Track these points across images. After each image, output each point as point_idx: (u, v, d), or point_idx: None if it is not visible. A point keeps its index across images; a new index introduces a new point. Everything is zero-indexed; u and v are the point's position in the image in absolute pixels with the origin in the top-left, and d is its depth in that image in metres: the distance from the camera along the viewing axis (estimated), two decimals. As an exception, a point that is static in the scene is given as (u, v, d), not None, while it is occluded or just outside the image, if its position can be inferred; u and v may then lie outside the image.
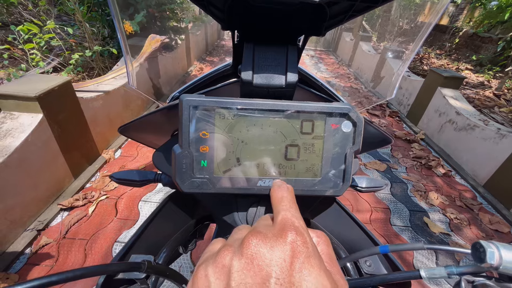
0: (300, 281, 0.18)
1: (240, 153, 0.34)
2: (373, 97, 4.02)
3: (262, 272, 0.19)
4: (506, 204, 2.38)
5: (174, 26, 3.99)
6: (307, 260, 0.19)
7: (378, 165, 2.84)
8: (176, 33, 4.12)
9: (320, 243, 0.24)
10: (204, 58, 6.10)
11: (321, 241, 0.24)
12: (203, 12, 0.30)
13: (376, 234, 2.01)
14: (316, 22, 0.35)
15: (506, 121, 3.37)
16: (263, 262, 0.19)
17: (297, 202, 0.39)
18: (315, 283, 0.18)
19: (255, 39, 0.36)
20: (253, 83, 0.36)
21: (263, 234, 0.21)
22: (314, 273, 0.18)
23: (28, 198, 1.71)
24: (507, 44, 5.21)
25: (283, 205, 0.26)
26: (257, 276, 0.18)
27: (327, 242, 0.25)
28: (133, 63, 0.44)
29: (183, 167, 0.33)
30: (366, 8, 0.30)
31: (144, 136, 0.53)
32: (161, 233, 0.53)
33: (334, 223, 0.53)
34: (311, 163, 0.35)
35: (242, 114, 0.33)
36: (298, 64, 0.39)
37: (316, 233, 0.25)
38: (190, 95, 0.32)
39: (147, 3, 3.30)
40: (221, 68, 0.47)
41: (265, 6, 0.32)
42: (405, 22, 7.17)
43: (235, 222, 0.39)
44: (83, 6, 3.00)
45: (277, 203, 0.27)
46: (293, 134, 0.34)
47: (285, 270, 0.19)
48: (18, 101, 1.73)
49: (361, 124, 0.34)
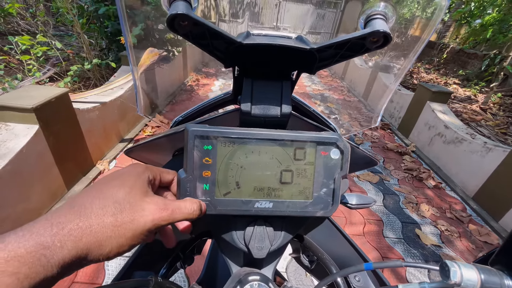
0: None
1: (239, 178, 0.37)
2: (359, 122, 4.19)
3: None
4: (495, 216, 2.45)
5: (172, 38, 4.08)
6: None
7: (370, 177, 2.89)
8: (174, 45, 4.20)
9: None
10: (200, 69, 6.19)
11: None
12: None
13: (370, 247, 2.04)
14: (308, 63, 0.40)
15: (492, 135, 3.50)
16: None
17: (291, 220, 0.43)
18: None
19: (253, 75, 0.40)
20: (251, 113, 0.40)
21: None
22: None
23: (20, 210, 1.69)
24: (491, 61, 5.45)
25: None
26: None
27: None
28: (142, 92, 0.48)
29: (187, 190, 0.36)
30: (350, 55, 0.34)
31: (147, 156, 0.56)
32: (160, 249, 0.55)
33: (326, 239, 0.56)
34: (304, 187, 0.38)
35: (242, 143, 0.36)
36: (291, 96, 0.43)
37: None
38: (195, 125, 0.35)
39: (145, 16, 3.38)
40: (221, 96, 0.51)
41: (263, 49, 0.37)
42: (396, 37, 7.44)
43: (233, 240, 0.41)
44: (82, 19, 3.05)
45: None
46: (287, 160, 0.38)
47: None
48: (14, 112, 1.73)
49: (348, 152, 0.38)
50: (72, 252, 0.24)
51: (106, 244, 0.26)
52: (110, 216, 0.27)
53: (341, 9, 7.17)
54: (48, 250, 0.22)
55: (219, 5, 6.91)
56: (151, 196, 0.31)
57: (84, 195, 0.28)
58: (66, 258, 0.23)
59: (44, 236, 0.23)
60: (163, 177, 0.36)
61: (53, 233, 0.23)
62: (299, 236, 0.57)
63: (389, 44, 0.33)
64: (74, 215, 0.26)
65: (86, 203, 0.27)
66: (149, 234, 0.30)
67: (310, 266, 0.55)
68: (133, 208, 0.28)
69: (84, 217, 0.26)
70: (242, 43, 0.34)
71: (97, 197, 0.28)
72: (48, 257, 0.22)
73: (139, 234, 0.28)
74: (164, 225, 0.31)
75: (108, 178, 0.31)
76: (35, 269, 0.21)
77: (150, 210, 0.29)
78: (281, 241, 0.42)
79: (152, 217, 0.29)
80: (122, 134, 2.96)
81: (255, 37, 0.35)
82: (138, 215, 0.28)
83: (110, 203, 0.28)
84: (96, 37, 3.48)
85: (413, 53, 0.46)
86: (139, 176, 0.32)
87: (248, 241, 0.39)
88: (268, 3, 6.93)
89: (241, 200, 0.37)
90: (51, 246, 0.23)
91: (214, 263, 0.76)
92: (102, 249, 0.26)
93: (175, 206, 0.32)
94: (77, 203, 0.27)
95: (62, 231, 0.24)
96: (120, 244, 0.27)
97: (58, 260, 0.23)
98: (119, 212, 0.28)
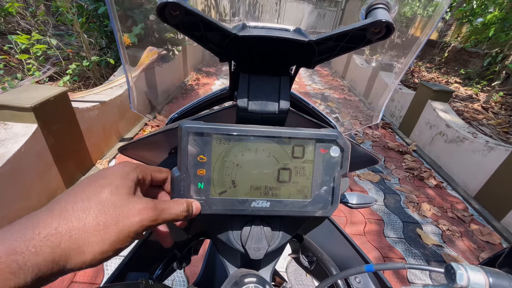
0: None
1: (235, 176, 0.36)
2: (359, 121, 4.19)
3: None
4: (496, 216, 2.43)
5: (172, 38, 4.06)
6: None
7: (371, 176, 2.88)
8: (173, 44, 4.19)
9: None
10: (201, 69, 6.17)
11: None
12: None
13: (371, 246, 2.02)
14: (306, 56, 0.38)
15: (494, 134, 3.47)
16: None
17: (290, 220, 0.41)
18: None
19: (250, 70, 0.39)
20: (248, 109, 0.38)
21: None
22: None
23: (18, 210, 1.68)
24: (493, 59, 5.42)
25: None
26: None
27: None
28: (135, 87, 0.47)
29: (181, 189, 0.35)
30: (350, 48, 0.33)
31: (142, 154, 0.55)
32: (156, 249, 0.54)
33: (326, 239, 0.55)
34: (302, 186, 0.37)
35: (238, 140, 0.35)
36: (290, 92, 0.42)
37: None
38: (189, 122, 0.34)
39: (145, 15, 3.37)
40: (218, 92, 0.50)
41: (259, 41, 0.35)
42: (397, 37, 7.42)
43: (229, 240, 0.40)
44: (81, 18, 3.04)
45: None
46: (285, 158, 0.36)
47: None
48: (13, 111, 1.72)
49: (348, 150, 0.37)
50: (48, 258, 0.22)
51: (88, 250, 0.25)
52: (92, 219, 0.25)
53: (341, 8, 7.15)
54: (20, 256, 0.21)
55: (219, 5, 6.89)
56: (138, 196, 0.30)
57: (66, 196, 0.27)
58: (41, 265, 0.22)
59: (17, 241, 0.21)
60: (155, 176, 0.35)
61: (28, 238, 0.22)
62: (298, 236, 0.55)
63: (391, 35, 0.31)
64: (53, 218, 0.24)
65: (68, 205, 0.26)
66: (136, 236, 0.28)
67: (310, 267, 0.54)
68: (117, 209, 0.27)
69: (64, 220, 0.24)
70: (237, 35, 0.33)
71: (79, 198, 0.26)
72: (20, 264, 0.21)
73: (125, 237, 0.27)
74: (152, 226, 0.29)
75: (93, 178, 0.29)
76: (4, 276, 0.20)
77: (136, 210, 0.28)
78: (279, 241, 0.41)
79: (139, 218, 0.28)
80: (122, 134, 2.96)
81: (251, 29, 0.34)
82: (122, 216, 0.27)
83: (93, 204, 0.26)
84: (95, 36, 3.47)
85: (413, 52, 0.45)
86: (126, 175, 0.30)
87: (245, 241, 0.38)
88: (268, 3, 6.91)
89: (237, 200, 0.36)
90: (24, 252, 0.21)
91: (212, 264, 0.75)
92: (83, 255, 0.24)
93: (164, 206, 0.30)
94: (58, 205, 0.26)
95: (38, 236, 0.22)
96: (103, 250, 0.26)
97: (31, 267, 0.21)
98: (102, 213, 0.26)
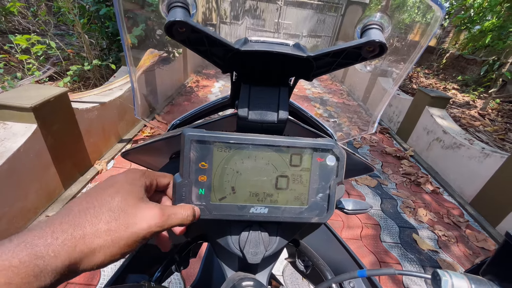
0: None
1: (235, 183, 0.37)
2: (358, 126, 4.23)
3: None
4: (492, 222, 2.45)
5: (172, 40, 4.08)
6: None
7: (368, 180, 2.90)
8: (174, 46, 4.21)
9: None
10: (201, 71, 6.20)
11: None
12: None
13: (367, 251, 2.03)
14: (305, 70, 0.40)
15: (490, 141, 3.51)
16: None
17: (287, 226, 0.43)
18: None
19: (251, 80, 0.41)
20: (248, 118, 0.40)
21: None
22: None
23: (16, 209, 1.68)
24: (490, 67, 5.49)
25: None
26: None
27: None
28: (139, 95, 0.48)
29: (183, 194, 0.36)
30: (347, 63, 0.35)
31: (144, 159, 0.56)
32: (155, 252, 0.55)
33: (322, 244, 0.56)
34: (299, 193, 0.38)
35: (238, 148, 0.36)
36: (288, 102, 0.43)
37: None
38: (192, 130, 0.35)
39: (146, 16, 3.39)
40: (220, 100, 0.51)
41: (260, 55, 0.37)
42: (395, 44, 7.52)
43: (228, 245, 0.41)
44: (83, 19, 3.06)
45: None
46: (283, 166, 0.38)
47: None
48: (12, 111, 1.73)
49: (344, 159, 0.38)
50: (65, 261, 0.24)
51: (100, 253, 0.26)
52: (104, 225, 0.27)
53: (341, 13, 7.22)
54: (41, 260, 0.22)
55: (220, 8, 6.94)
56: (146, 202, 0.31)
57: (79, 202, 0.28)
58: (59, 268, 0.23)
59: (38, 246, 0.23)
60: (159, 182, 0.36)
61: (48, 243, 0.24)
62: (295, 241, 0.56)
63: (385, 54, 0.33)
64: (68, 224, 0.26)
65: (81, 211, 0.27)
66: (144, 241, 0.30)
67: (306, 271, 0.55)
68: (127, 216, 0.28)
69: (79, 226, 0.26)
70: (239, 50, 0.34)
71: (92, 205, 0.28)
72: (41, 267, 0.22)
73: (133, 242, 0.28)
74: (159, 232, 0.31)
75: (104, 185, 0.31)
76: (28, 279, 0.21)
77: (145, 217, 0.29)
78: (276, 246, 0.42)
79: (147, 224, 0.29)
80: (121, 135, 2.96)
81: (253, 44, 0.35)
82: (132, 222, 0.28)
83: (105, 211, 0.28)
84: (96, 37, 3.48)
85: (410, 60, 0.47)
86: (135, 182, 0.32)
87: (243, 246, 0.39)
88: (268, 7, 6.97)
89: (236, 205, 0.37)
90: (45, 256, 0.23)
91: (209, 267, 0.76)
92: (95, 258, 0.26)
93: (170, 212, 0.32)
94: (72, 211, 0.27)
95: (56, 241, 0.24)
96: (113, 253, 0.27)
97: (51, 270, 0.23)
98: (113, 219, 0.28)
